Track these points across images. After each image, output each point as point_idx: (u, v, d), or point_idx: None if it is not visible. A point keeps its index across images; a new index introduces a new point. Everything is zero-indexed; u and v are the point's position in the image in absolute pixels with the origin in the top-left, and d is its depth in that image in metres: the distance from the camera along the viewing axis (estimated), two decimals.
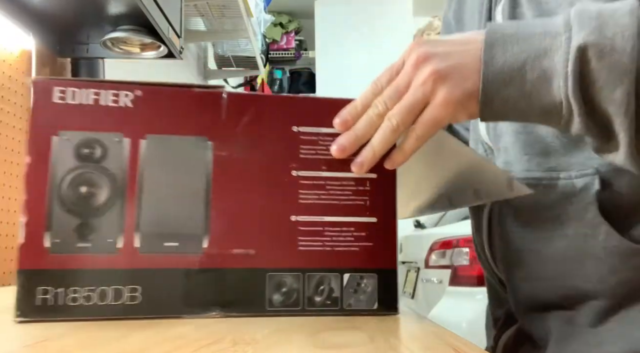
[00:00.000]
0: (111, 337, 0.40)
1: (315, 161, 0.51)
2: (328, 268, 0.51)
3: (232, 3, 2.20)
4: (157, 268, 0.48)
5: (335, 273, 0.51)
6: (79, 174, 0.48)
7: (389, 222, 0.53)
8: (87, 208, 0.48)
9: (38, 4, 1.16)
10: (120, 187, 0.48)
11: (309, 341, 0.39)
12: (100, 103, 0.49)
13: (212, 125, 0.50)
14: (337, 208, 0.51)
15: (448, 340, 0.40)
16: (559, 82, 0.44)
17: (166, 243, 0.49)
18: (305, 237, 0.51)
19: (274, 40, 4.81)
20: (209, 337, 0.40)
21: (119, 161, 0.48)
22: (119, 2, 1.14)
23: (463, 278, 2.29)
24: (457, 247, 2.37)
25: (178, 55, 1.35)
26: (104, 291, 0.47)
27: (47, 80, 0.48)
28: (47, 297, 0.46)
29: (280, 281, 0.50)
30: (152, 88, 0.50)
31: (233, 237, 0.50)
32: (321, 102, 0.53)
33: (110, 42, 1.28)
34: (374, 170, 0.51)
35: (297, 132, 0.52)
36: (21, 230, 0.47)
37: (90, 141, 0.48)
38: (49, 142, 0.48)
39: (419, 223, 3.18)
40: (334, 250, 0.51)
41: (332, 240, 0.51)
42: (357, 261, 0.51)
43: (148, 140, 0.49)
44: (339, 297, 0.51)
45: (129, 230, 0.48)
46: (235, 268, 0.49)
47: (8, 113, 1.12)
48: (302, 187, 0.51)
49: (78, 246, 0.47)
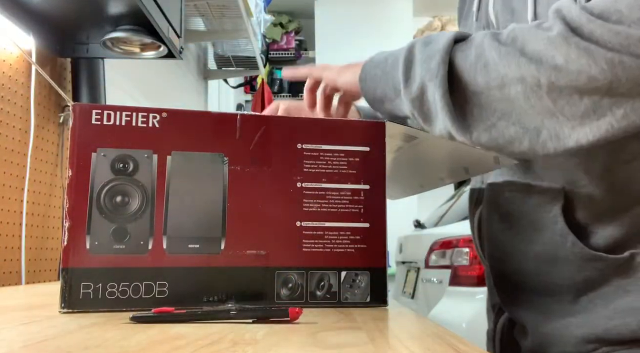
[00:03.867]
0: (112, 337, 0.40)
1: (317, 174, 0.60)
2: (328, 266, 0.59)
3: (232, 3, 2.20)
4: (181, 266, 0.56)
5: (334, 271, 0.59)
6: (115, 185, 0.56)
7: (380, 226, 0.61)
8: (121, 215, 0.56)
9: (38, 4, 1.16)
10: (149, 197, 0.56)
11: (309, 341, 0.39)
12: (132, 124, 0.57)
13: (228, 143, 0.58)
14: (335, 215, 0.60)
15: (448, 340, 0.40)
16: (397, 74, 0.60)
17: (190, 245, 0.57)
18: (309, 240, 0.59)
19: (274, 40, 4.81)
20: (209, 337, 0.40)
21: (148, 174, 0.57)
22: (119, 2, 1.14)
23: (463, 278, 2.29)
24: (457, 247, 2.37)
25: (178, 55, 1.35)
26: (137, 286, 0.55)
27: (86, 104, 0.57)
28: (89, 292, 0.54)
29: (287, 278, 0.58)
30: (177, 111, 0.58)
31: (247, 240, 0.57)
32: (322, 122, 0.62)
33: (110, 42, 1.28)
34: (367, 182, 0.61)
35: (301, 149, 0.60)
36: (65, 233, 0.54)
37: (124, 157, 0.56)
38: (89, 157, 0.56)
39: (419, 223, 3.18)
40: (333, 251, 0.59)
41: (332, 242, 0.59)
42: (352, 261, 0.59)
43: (173, 156, 0.57)
44: (337, 292, 0.59)
45: (158, 234, 0.56)
46: (248, 266, 0.57)
47: (8, 113, 1.11)
48: (306, 196, 0.59)
49: (114, 247, 0.55)
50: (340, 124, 0.62)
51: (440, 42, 0.57)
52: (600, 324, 0.60)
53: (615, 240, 0.60)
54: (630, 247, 0.59)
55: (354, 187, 0.60)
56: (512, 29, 0.54)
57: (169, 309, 0.49)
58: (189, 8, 2.21)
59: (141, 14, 1.12)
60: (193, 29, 2.48)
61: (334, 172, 0.60)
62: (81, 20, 1.25)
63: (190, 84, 2.80)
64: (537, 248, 0.64)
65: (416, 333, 0.44)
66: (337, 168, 0.60)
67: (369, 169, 0.61)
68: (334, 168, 0.60)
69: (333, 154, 0.60)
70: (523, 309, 0.68)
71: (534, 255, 0.65)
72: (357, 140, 0.61)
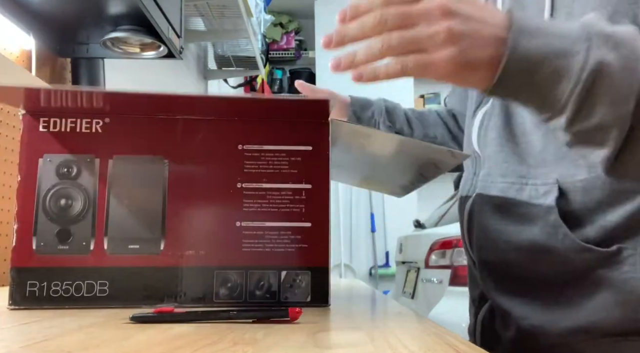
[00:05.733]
0: (112, 337, 0.40)
1: (258, 174, 0.60)
2: (268, 266, 0.59)
3: (232, 3, 2.20)
4: (122, 266, 0.58)
5: (274, 271, 0.59)
6: (59, 189, 0.59)
7: (322, 226, 0.60)
8: (65, 217, 0.58)
9: (38, 4, 1.16)
10: (92, 200, 0.59)
11: (309, 341, 0.39)
12: (77, 130, 0.60)
13: (168, 146, 0.60)
14: (276, 215, 0.60)
15: (448, 340, 0.40)
16: (568, 84, 0.50)
17: (130, 245, 0.58)
18: (249, 240, 0.59)
19: (274, 40, 4.81)
20: (209, 337, 0.40)
21: (90, 178, 0.59)
22: (119, 2, 1.14)
23: (463, 278, 2.29)
24: (457, 247, 2.37)
25: (178, 55, 1.35)
26: (79, 285, 0.57)
27: (34, 112, 0.59)
28: (34, 290, 0.57)
29: (226, 277, 0.59)
30: (119, 116, 0.60)
31: (186, 240, 0.59)
32: (263, 123, 0.61)
33: (110, 42, 1.28)
34: (309, 181, 0.60)
35: (242, 150, 0.60)
36: (13, 235, 0.57)
37: (68, 162, 0.59)
38: (36, 163, 0.59)
39: (419, 223, 3.17)
40: (273, 251, 0.59)
41: (272, 242, 0.60)
42: (293, 260, 0.59)
43: (115, 160, 0.59)
44: (276, 291, 0.59)
45: (99, 235, 0.58)
46: (187, 266, 0.58)
47: (8, 113, 1.11)
48: (246, 197, 0.60)
49: (59, 248, 0.58)
50: (278, 124, 0.61)
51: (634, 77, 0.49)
52: (585, 316, 0.60)
53: (606, 232, 0.60)
54: (618, 241, 0.60)
55: (296, 186, 0.60)
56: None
57: (169, 309, 0.49)
58: (189, 8, 2.21)
59: (141, 14, 1.12)
60: (193, 29, 2.48)
61: (275, 172, 0.60)
62: (81, 20, 1.25)
63: (190, 84, 2.79)
64: (528, 239, 0.65)
65: (416, 333, 0.44)
66: (278, 168, 0.61)
67: (311, 169, 0.61)
68: (275, 168, 0.61)
69: (274, 154, 0.61)
70: (509, 299, 0.68)
71: (524, 246, 0.65)
72: (299, 140, 0.61)
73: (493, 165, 0.70)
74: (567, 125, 0.52)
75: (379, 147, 0.73)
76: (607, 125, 0.50)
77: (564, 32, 0.51)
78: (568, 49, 0.50)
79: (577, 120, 0.51)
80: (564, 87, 0.50)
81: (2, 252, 1.04)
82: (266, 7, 3.17)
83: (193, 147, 0.60)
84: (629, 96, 0.49)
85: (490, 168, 0.71)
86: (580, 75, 0.49)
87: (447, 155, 0.66)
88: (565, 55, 0.50)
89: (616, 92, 0.49)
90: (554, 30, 0.51)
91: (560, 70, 0.50)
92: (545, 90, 0.51)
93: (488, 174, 0.71)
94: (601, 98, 0.49)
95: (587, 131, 0.52)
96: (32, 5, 1.16)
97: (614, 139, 0.51)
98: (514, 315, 0.67)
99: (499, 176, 0.69)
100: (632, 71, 0.50)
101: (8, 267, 0.57)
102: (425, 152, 0.69)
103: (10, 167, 1.15)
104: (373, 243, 4.33)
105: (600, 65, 0.49)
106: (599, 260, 0.60)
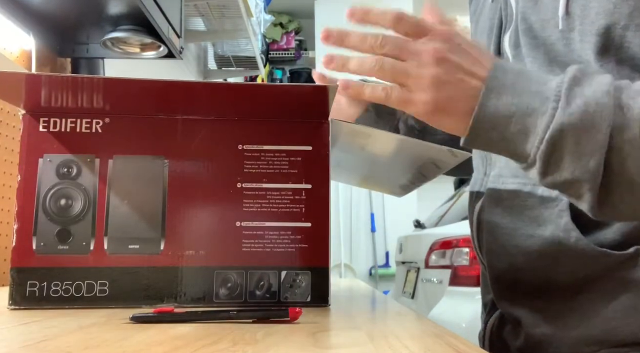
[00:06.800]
0: (112, 337, 0.40)
1: (258, 174, 0.60)
2: (268, 266, 0.59)
3: (232, 3, 2.20)
4: (122, 266, 0.58)
5: (274, 271, 0.59)
6: (59, 189, 0.59)
7: (322, 226, 0.60)
8: (65, 217, 0.58)
9: (38, 4, 1.16)
10: (92, 200, 0.59)
11: (309, 341, 0.39)
12: (77, 130, 0.60)
13: (168, 146, 0.60)
14: (276, 215, 0.60)
15: (448, 340, 0.40)
16: (534, 141, 0.50)
17: (130, 245, 0.58)
18: (249, 240, 0.59)
19: (274, 40, 4.81)
20: (209, 337, 0.40)
21: (90, 178, 0.59)
22: (119, 2, 1.14)
23: (463, 278, 2.29)
24: (457, 247, 2.37)
25: (178, 55, 1.35)
26: (79, 285, 0.57)
27: (35, 113, 0.59)
28: (34, 290, 0.57)
29: (226, 277, 0.59)
30: (119, 116, 0.60)
31: (186, 240, 0.59)
32: (263, 123, 0.61)
33: (110, 42, 1.28)
34: (309, 181, 0.60)
35: (242, 150, 0.60)
36: (14, 235, 0.57)
37: (68, 162, 0.59)
38: (37, 163, 0.59)
39: (419, 223, 3.17)
40: (273, 251, 0.59)
41: (272, 242, 0.60)
42: (293, 260, 0.59)
43: (115, 160, 0.59)
44: (277, 291, 0.59)
45: (99, 235, 0.58)
46: (187, 266, 0.58)
47: (8, 113, 1.11)
48: (246, 197, 0.60)
49: (58, 248, 0.58)
50: (279, 123, 0.61)
51: (599, 130, 0.48)
52: (598, 325, 0.58)
53: (623, 234, 0.58)
54: (636, 242, 0.58)
55: (296, 186, 0.60)
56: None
57: (169, 309, 0.49)
58: (189, 8, 2.21)
59: (141, 14, 1.12)
60: (193, 29, 2.48)
61: (275, 172, 0.60)
62: (81, 20, 1.25)
63: None
64: (538, 243, 0.63)
65: (416, 333, 0.44)
66: (278, 168, 0.61)
67: (311, 168, 0.61)
68: (275, 168, 0.61)
69: (274, 154, 0.61)
70: (518, 306, 0.66)
71: (534, 251, 0.63)
72: (299, 140, 0.61)
73: (504, 165, 0.69)
74: (540, 178, 0.52)
75: (379, 147, 0.73)
76: (577, 179, 0.50)
77: (539, 88, 0.51)
78: (537, 107, 0.50)
79: (548, 173, 0.51)
80: (531, 144, 0.50)
81: (2, 252, 1.04)
82: (266, 7, 3.17)
83: (193, 147, 0.60)
84: (594, 152, 0.48)
85: (501, 169, 0.69)
86: (544, 134, 0.49)
87: (447, 154, 0.66)
88: (532, 114, 0.50)
89: (582, 148, 0.49)
90: (529, 86, 0.51)
91: (526, 128, 0.50)
92: (513, 146, 0.52)
93: (499, 174, 0.69)
94: (566, 155, 0.49)
95: (562, 184, 0.51)
96: (32, 5, 1.16)
97: (588, 191, 0.50)
98: (524, 322, 0.65)
99: (511, 177, 0.67)
100: (598, 129, 0.48)
101: (8, 267, 0.57)
102: (425, 152, 0.69)
103: (10, 167, 1.15)
104: (373, 243, 4.33)
105: (564, 125, 0.49)
106: (615, 264, 0.58)
